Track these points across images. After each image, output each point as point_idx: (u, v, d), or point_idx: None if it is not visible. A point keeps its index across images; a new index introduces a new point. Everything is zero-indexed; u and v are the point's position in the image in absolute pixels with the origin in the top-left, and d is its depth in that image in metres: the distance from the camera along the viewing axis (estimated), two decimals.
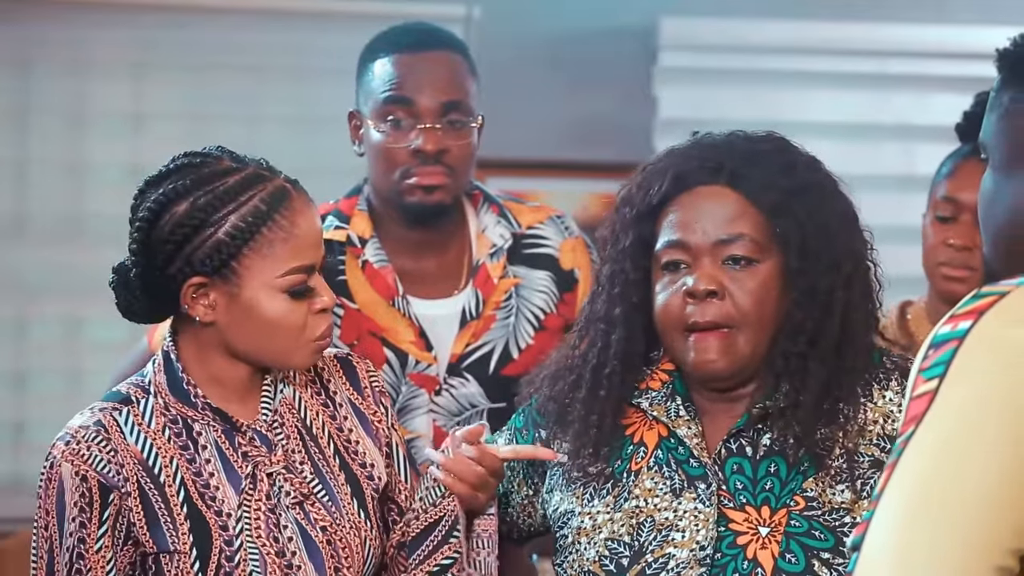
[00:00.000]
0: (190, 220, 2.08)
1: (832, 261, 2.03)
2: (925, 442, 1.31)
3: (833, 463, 2.00)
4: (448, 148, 2.68)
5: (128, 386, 2.18)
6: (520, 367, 2.77)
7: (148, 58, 4.65)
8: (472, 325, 2.76)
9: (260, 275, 2.10)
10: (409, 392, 2.73)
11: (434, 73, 2.70)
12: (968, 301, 1.37)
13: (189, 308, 2.11)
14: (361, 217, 2.78)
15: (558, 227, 2.86)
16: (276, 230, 2.10)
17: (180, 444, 2.13)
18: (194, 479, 2.12)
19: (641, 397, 2.12)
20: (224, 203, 2.09)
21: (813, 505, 1.99)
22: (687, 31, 4.71)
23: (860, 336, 2.05)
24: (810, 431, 2.00)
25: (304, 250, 2.12)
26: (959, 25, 4.68)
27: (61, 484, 2.08)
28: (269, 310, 2.11)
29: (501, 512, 2.26)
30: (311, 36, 4.65)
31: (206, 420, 2.15)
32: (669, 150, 2.13)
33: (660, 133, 4.73)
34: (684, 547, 2.00)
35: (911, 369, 1.37)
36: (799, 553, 1.97)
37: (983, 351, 1.32)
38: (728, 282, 2.02)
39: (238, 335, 2.13)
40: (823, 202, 2.05)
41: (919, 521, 1.28)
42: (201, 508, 2.12)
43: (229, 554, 2.11)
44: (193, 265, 2.09)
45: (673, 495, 2.04)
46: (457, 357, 2.75)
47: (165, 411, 2.14)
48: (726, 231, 2.02)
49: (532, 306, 2.80)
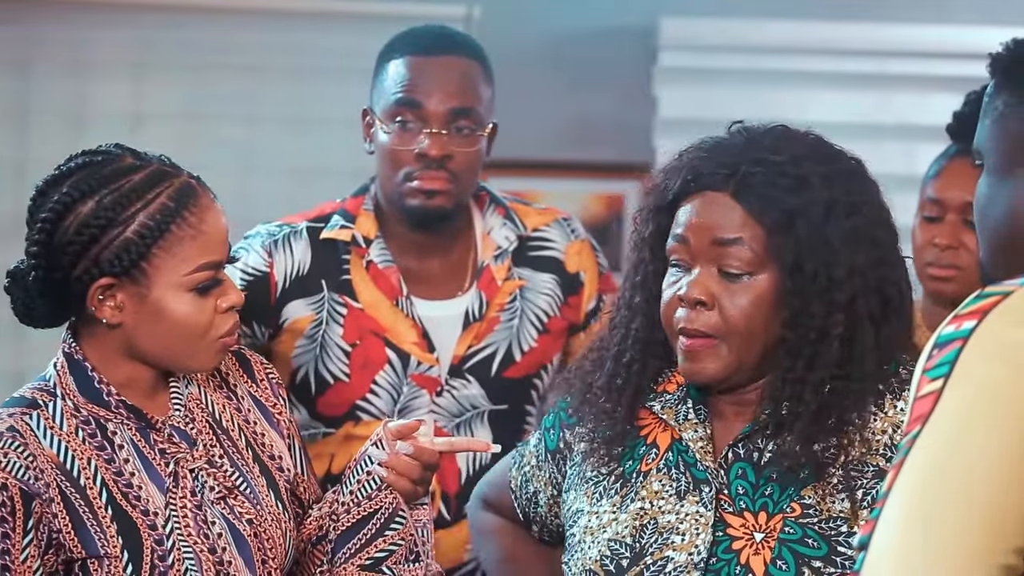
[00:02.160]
0: (96, 220, 2.03)
1: (831, 282, 1.98)
2: (930, 442, 1.31)
3: (835, 472, 1.99)
4: (453, 154, 2.68)
5: (30, 391, 2.11)
6: (522, 369, 2.77)
7: (148, 58, 4.65)
8: (475, 327, 2.75)
9: (169, 274, 2.06)
10: (411, 393, 2.73)
11: (445, 78, 2.70)
12: (972, 301, 1.37)
13: (96, 310, 2.06)
14: (367, 217, 2.78)
15: (564, 230, 2.86)
16: (185, 227, 2.06)
17: (96, 445, 2.08)
18: (115, 479, 2.07)
19: (655, 400, 2.12)
20: (131, 201, 2.04)
21: (809, 513, 1.98)
22: (687, 31, 4.71)
23: (871, 355, 2.00)
24: (807, 446, 1.98)
25: (212, 246, 2.09)
26: (959, 25, 4.68)
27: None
28: (177, 309, 2.07)
29: (532, 511, 2.26)
30: (311, 36, 4.65)
31: (120, 419, 2.10)
32: (699, 143, 2.10)
33: (660, 133, 4.73)
34: (683, 550, 2.00)
35: (915, 369, 1.37)
36: (790, 560, 1.96)
37: (987, 351, 1.32)
38: (721, 292, 2.00)
39: (144, 336, 2.08)
40: (829, 221, 1.99)
41: (924, 520, 1.28)
42: (127, 509, 2.07)
43: (161, 554, 2.07)
44: (101, 266, 2.04)
45: (678, 498, 2.03)
46: (459, 359, 2.74)
47: (75, 413, 2.09)
48: (723, 241, 2.00)
49: (536, 308, 2.80)
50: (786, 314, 1.99)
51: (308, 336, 2.73)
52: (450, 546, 2.74)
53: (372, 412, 2.73)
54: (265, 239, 2.75)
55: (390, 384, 2.72)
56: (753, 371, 2.03)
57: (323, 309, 2.73)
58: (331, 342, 2.72)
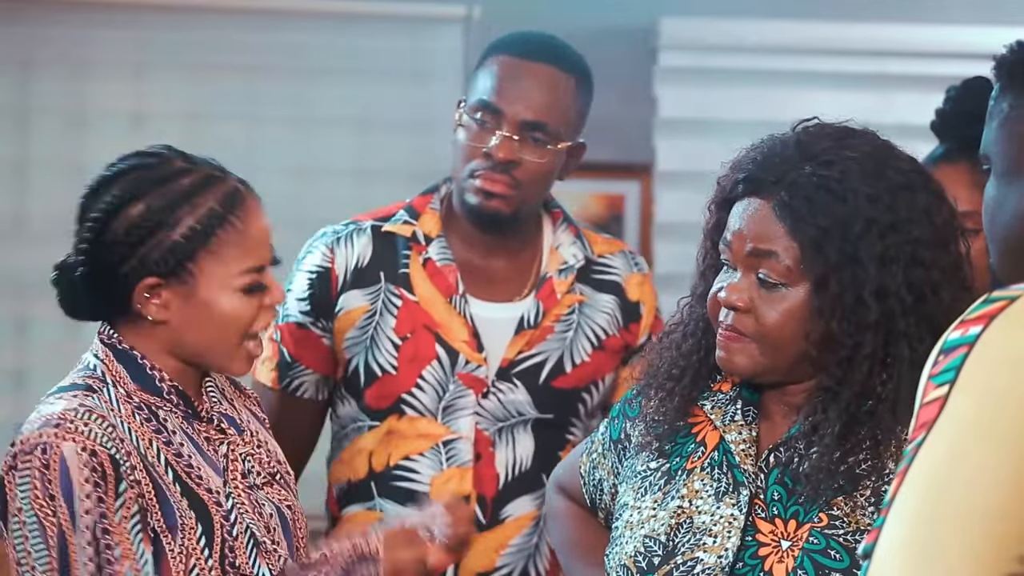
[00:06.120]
0: (145, 221, 2.08)
1: (858, 302, 1.95)
2: (936, 449, 1.30)
3: (869, 485, 1.97)
4: (520, 161, 2.68)
5: (80, 378, 2.13)
6: (572, 381, 2.77)
7: (148, 58, 4.64)
8: (528, 333, 2.76)
9: (214, 276, 2.11)
10: (456, 391, 2.73)
11: (530, 86, 2.70)
12: (978, 306, 1.36)
13: (142, 307, 2.11)
14: (431, 215, 2.79)
15: (628, 260, 2.87)
16: (231, 232, 2.11)
17: (154, 428, 2.11)
18: (176, 459, 2.10)
19: (708, 399, 2.12)
20: (179, 205, 2.10)
21: (836, 524, 1.97)
22: (687, 31, 4.70)
23: (907, 374, 1.95)
24: (837, 459, 1.96)
25: (256, 250, 2.14)
26: (959, 25, 4.68)
27: (64, 465, 2.00)
28: (225, 307, 2.12)
29: (598, 498, 2.26)
30: (311, 36, 4.65)
31: (169, 407, 2.13)
32: (759, 142, 2.07)
33: (660, 133, 4.73)
34: (713, 552, 1.99)
35: (921, 375, 1.36)
36: (810, 570, 1.95)
37: (994, 357, 1.31)
38: (758, 298, 2.00)
39: (189, 333, 2.13)
40: (863, 240, 1.95)
41: (929, 529, 1.28)
42: (192, 486, 2.10)
43: (228, 528, 2.11)
44: (147, 266, 2.09)
45: (715, 499, 2.02)
46: (508, 362, 2.75)
47: (128, 399, 2.11)
48: (760, 252, 1.99)
49: (594, 324, 2.80)
50: (813, 330, 1.98)
51: (360, 327, 2.74)
52: (483, 550, 2.75)
53: (416, 407, 2.73)
54: (329, 237, 2.79)
55: (436, 380, 2.72)
56: (793, 372, 2.02)
57: (378, 300, 2.75)
58: (382, 334, 2.74)
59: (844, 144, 2.02)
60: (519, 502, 2.76)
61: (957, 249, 2.01)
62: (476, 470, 2.74)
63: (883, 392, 1.97)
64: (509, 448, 2.75)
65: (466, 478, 2.73)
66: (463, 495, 2.73)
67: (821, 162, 1.99)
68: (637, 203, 4.74)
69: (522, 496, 2.76)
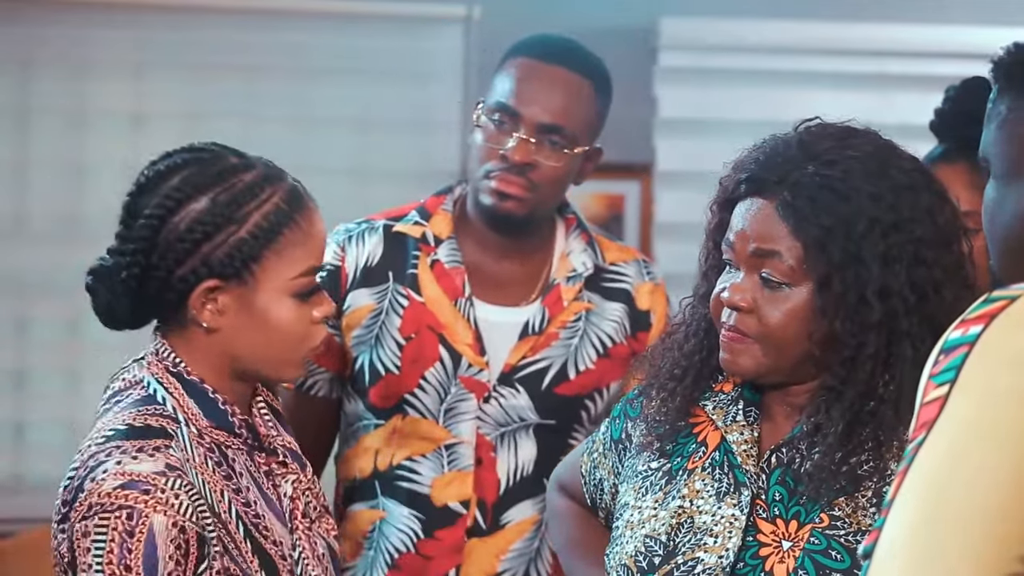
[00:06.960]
0: (211, 218, 1.94)
1: (861, 301, 1.95)
2: (936, 449, 1.30)
3: (870, 486, 1.97)
4: (537, 164, 2.68)
5: (151, 418, 1.95)
6: (575, 388, 2.77)
7: (148, 58, 4.64)
8: (532, 339, 2.75)
9: (276, 277, 1.97)
10: (458, 394, 2.73)
11: (548, 89, 2.70)
12: (979, 306, 1.36)
13: (197, 313, 1.96)
14: (443, 217, 2.79)
15: (640, 269, 2.87)
16: (296, 230, 1.98)
17: (224, 474, 1.95)
18: (245, 510, 1.96)
19: (709, 399, 2.11)
20: (246, 200, 1.96)
21: (837, 524, 1.96)
22: (687, 31, 4.71)
23: (910, 374, 1.94)
24: (838, 460, 1.96)
25: (316, 251, 2.02)
26: (959, 25, 4.68)
27: (152, 539, 1.84)
28: (279, 315, 1.98)
29: (598, 497, 2.25)
30: (310, 36, 4.65)
31: (236, 443, 1.99)
32: (762, 142, 2.06)
33: (660, 133, 4.73)
34: (713, 552, 1.99)
35: (922, 375, 1.36)
36: (811, 571, 1.94)
37: (994, 356, 1.31)
38: (761, 298, 1.99)
39: (243, 342, 1.98)
40: (866, 240, 1.95)
41: (930, 529, 1.28)
42: (260, 541, 1.96)
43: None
44: (210, 266, 1.94)
45: (717, 499, 2.02)
46: (511, 367, 2.74)
47: (200, 439, 1.96)
48: (763, 252, 1.99)
49: (601, 332, 2.80)
50: (816, 330, 1.98)
51: (366, 326, 2.75)
52: (484, 555, 2.75)
53: (419, 408, 2.73)
54: (342, 236, 2.79)
55: (439, 382, 2.72)
56: (795, 373, 2.02)
57: (385, 299, 2.75)
58: (387, 334, 2.74)
59: (847, 144, 2.02)
60: (520, 507, 2.76)
61: (959, 248, 2.01)
62: (477, 474, 2.73)
63: (885, 392, 1.97)
64: (511, 453, 2.75)
65: (467, 482, 2.73)
66: (464, 499, 2.73)
67: (824, 162, 1.99)
68: (637, 203, 4.74)
69: (523, 501, 2.76)
